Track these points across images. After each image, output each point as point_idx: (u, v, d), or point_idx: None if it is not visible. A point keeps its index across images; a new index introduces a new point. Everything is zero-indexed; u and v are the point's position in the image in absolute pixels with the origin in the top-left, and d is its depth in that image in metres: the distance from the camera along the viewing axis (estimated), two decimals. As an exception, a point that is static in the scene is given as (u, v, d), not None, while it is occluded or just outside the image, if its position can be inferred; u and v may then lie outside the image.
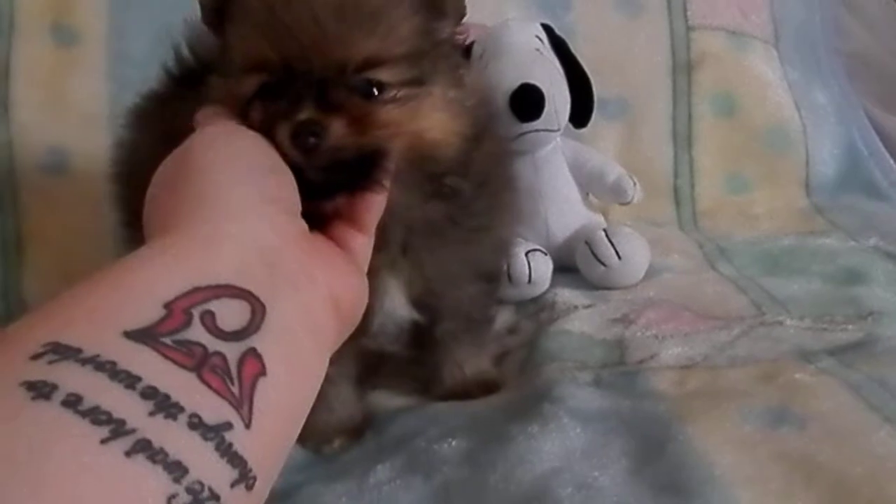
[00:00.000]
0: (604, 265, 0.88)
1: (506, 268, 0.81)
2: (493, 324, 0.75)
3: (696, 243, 1.02)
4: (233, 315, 0.33)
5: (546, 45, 0.95)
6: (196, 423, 0.29)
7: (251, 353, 0.32)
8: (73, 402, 0.27)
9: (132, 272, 0.34)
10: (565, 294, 0.86)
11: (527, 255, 0.87)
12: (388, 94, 0.48)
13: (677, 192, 1.12)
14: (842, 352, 0.69)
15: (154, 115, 0.71)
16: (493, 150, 0.62)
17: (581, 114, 0.94)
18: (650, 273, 0.90)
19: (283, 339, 0.34)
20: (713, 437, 0.56)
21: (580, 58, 0.96)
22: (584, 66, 0.95)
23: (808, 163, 1.14)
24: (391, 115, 0.48)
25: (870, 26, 1.25)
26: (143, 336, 0.30)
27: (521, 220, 0.75)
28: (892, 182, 1.13)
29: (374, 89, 0.48)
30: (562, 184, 0.95)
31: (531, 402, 0.64)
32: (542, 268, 0.88)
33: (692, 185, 1.12)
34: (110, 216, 0.79)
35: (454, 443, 0.59)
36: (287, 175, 0.43)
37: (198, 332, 0.31)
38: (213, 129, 0.44)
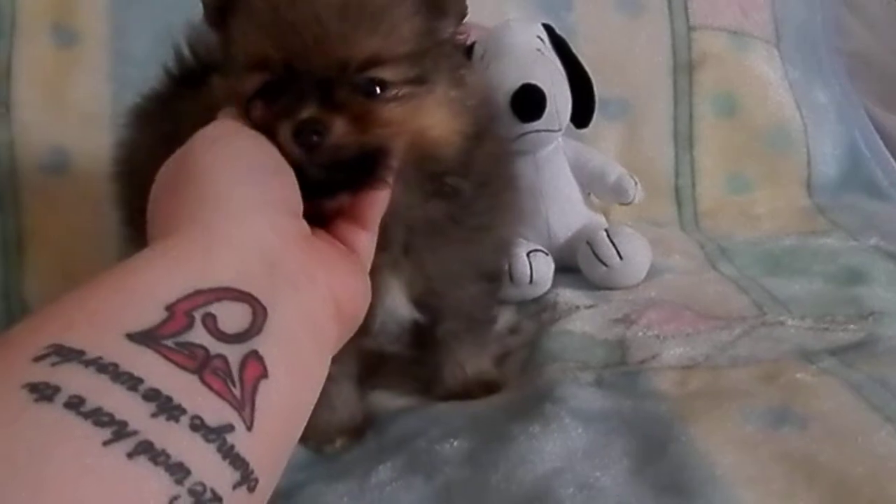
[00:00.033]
0: (605, 265, 0.88)
1: (507, 268, 0.81)
2: (494, 324, 0.75)
3: (698, 243, 1.02)
4: (234, 318, 0.33)
5: (547, 46, 0.95)
6: (198, 425, 0.29)
7: (253, 356, 0.32)
8: (75, 403, 0.27)
9: (134, 274, 0.34)
10: (567, 294, 0.86)
11: (528, 255, 0.87)
12: (390, 92, 0.48)
13: (678, 192, 1.12)
14: (843, 352, 0.69)
15: (154, 115, 0.71)
16: (494, 150, 0.62)
17: (582, 114, 0.94)
18: (651, 273, 0.90)
19: (285, 342, 0.35)
20: (715, 437, 0.56)
21: (581, 58, 0.96)
22: (586, 66, 0.95)
23: (809, 162, 1.13)
24: (393, 113, 0.48)
25: (871, 26, 1.25)
26: (146, 338, 0.30)
27: (523, 220, 0.75)
28: (893, 182, 1.12)
29: (377, 88, 0.48)
30: (563, 184, 0.95)
31: (533, 402, 0.64)
32: (544, 268, 0.88)
33: (693, 185, 1.12)
34: (111, 216, 0.80)
35: (456, 443, 0.59)
36: (288, 175, 0.43)
37: (199, 335, 0.31)
38: (213, 129, 0.44)
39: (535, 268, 0.86)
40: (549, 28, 0.97)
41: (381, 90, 0.48)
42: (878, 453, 0.53)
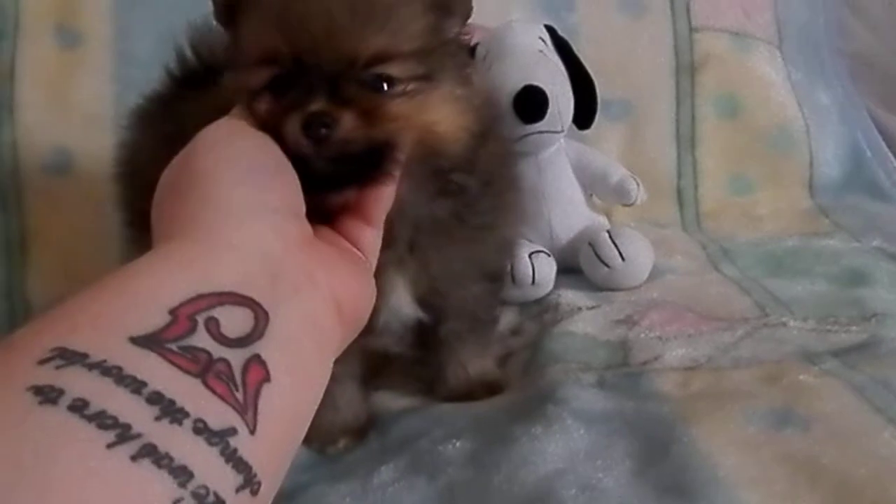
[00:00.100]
0: (607, 266, 0.88)
1: (509, 269, 0.81)
2: (496, 324, 0.75)
3: (700, 244, 1.02)
4: (236, 322, 0.33)
5: (549, 47, 0.95)
6: (201, 429, 0.29)
7: (255, 360, 0.33)
8: (79, 406, 0.27)
9: (137, 278, 0.34)
10: (569, 295, 0.86)
11: (530, 256, 0.87)
12: (398, 88, 0.49)
13: (681, 193, 1.12)
14: (845, 353, 0.69)
15: (156, 116, 0.71)
16: (497, 150, 0.62)
17: (584, 115, 0.94)
18: (654, 274, 0.90)
19: (287, 346, 0.35)
20: (717, 438, 0.56)
21: (583, 59, 0.96)
22: (588, 67, 0.95)
23: (811, 164, 1.13)
24: (401, 108, 0.48)
25: (873, 27, 1.25)
26: (149, 342, 0.30)
27: (525, 221, 0.75)
28: (895, 183, 1.13)
29: (384, 84, 0.48)
30: (565, 185, 0.95)
31: (535, 403, 0.64)
32: (546, 269, 0.88)
33: (695, 186, 1.12)
34: (113, 216, 0.80)
35: (458, 444, 0.59)
36: (290, 175, 0.43)
37: (203, 339, 0.31)
38: (215, 130, 0.44)
39: (537, 269, 0.86)
40: (551, 29, 0.97)
41: (389, 86, 0.48)
42: (880, 455, 0.53)
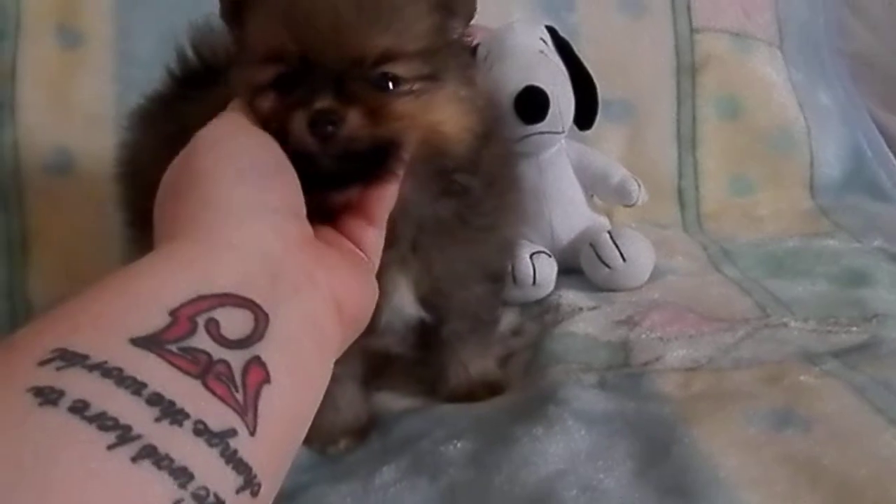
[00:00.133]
0: (608, 267, 0.88)
1: (511, 269, 0.81)
2: (498, 325, 0.75)
3: (701, 245, 1.02)
4: (236, 324, 0.33)
5: (550, 47, 0.95)
6: (201, 430, 0.29)
7: (255, 362, 0.33)
8: (79, 408, 0.27)
9: (138, 279, 0.34)
10: (570, 296, 0.86)
11: (531, 257, 0.87)
12: (403, 87, 0.49)
13: (681, 193, 1.12)
14: (846, 354, 0.69)
15: (157, 116, 0.71)
16: (500, 152, 0.62)
17: (585, 116, 0.94)
18: (655, 275, 0.90)
19: (287, 347, 0.35)
20: (718, 439, 0.56)
21: (584, 60, 0.96)
22: (589, 67, 0.95)
23: (812, 164, 1.13)
24: (406, 107, 0.49)
25: (873, 27, 1.25)
26: (149, 343, 0.30)
27: (527, 221, 0.75)
28: (896, 183, 1.13)
29: (390, 83, 0.49)
30: (566, 186, 0.95)
31: (536, 403, 0.64)
32: (547, 270, 0.88)
33: (696, 186, 1.12)
34: (115, 216, 0.80)
35: (459, 444, 0.59)
36: (291, 174, 0.43)
37: (203, 340, 0.31)
38: (215, 129, 0.44)
39: (538, 269, 0.86)
40: (552, 30, 0.97)
41: (394, 85, 0.49)
42: (881, 455, 0.53)
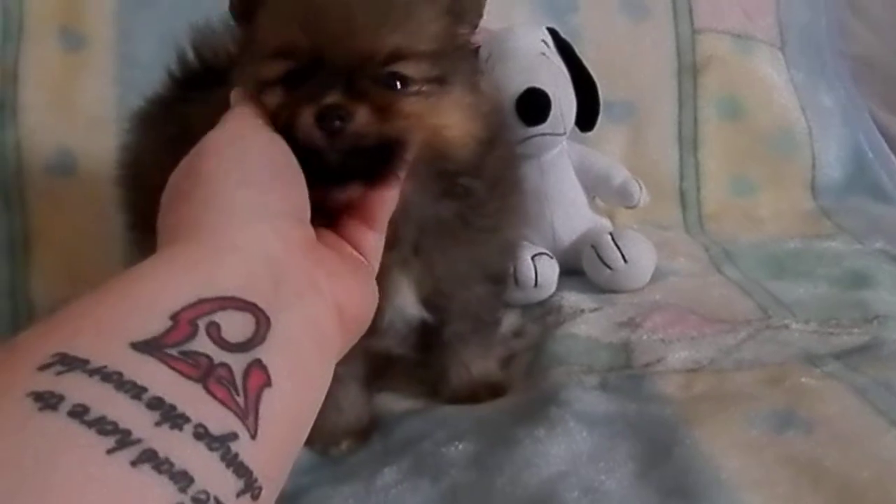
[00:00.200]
0: (610, 268, 0.88)
1: (512, 271, 0.81)
2: (499, 326, 0.75)
3: (702, 246, 1.02)
4: (237, 327, 0.33)
5: (552, 49, 0.95)
6: (202, 434, 0.29)
7: (256, 365, 0.32)
8: (79, 412, 0.27)
9: (139, 282, 0.34)
10: (571, 297, 0.86)
11: (533, 258, 0.87)
12: (412, 88, 0.49)
13: (683, 195, 1.12)
14: (848, 355, 0.69)
15: (158, 119, 0.71)
16: (503, 154, 0.62)
17: (587, 117, 0.94)
18: (656, 276, 0.90)
19: (288, 351, 0.35)
20: (720, 440, 0.56)
21: (586, 61, 0.96)
22: (590, 69, 0.95)
23: (813, 165, 1.13)
24: (414, 107, 0.49)
25: (875, 29, 1.25)
26: (150, 347, 0.30)
27: (528, 223, 0.75)
28: (897, 184, 1.13)
29: (398, 83, 0.49)
30: (568, 187, 0.95)
31: (538, 405, 0.64)
32: (548, 271, 0.88)
33: (698, 188, 1.12)
34: (116, 218, 0.80)
35: (461, 446, 0.59)
36: (298, 178, 0.43)
37: (203, 344, 0.31)
38: (223, 132, 0.44)
39: (539, 271, 0.86)
40: (553, 31, 0.97)
41: (402, 85, 0.49)
42: (883, 457, 0.53)
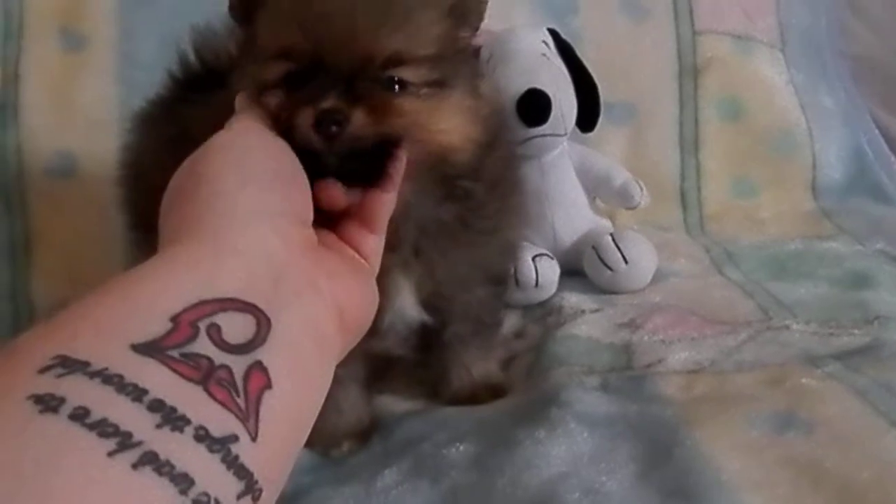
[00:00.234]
0: (611, 270, 0.88)
1: (513, 272, 0.81)
2: (500, 327, 0.75)
3: (703, 247, 1.02)
4: (238, 329, 0.33)
5: (552, 50, 0.95)
6: (202, 436, 0.29)
7: (257, 367, 0.32)
8: (80, 415, 0.27)
9: (140, 284, 0.34)
10: (572, 298, 0.86)
11: (534, 259, 0.87)
12: (410, 91, 0.49)
13: (684, 196, 1.12)
14: (848, 356, 0.69)
15: (159, 119, 0.71)
16: (503, 155, 0.62)
17: (588, 118, 0.94)
18: (657, 277, 0.90)
19: (289, 352, 0.35)
20: (720, 441, 0.56)
21: (586, 62, 0.96)
22: (591, 70, 0.95)
23: (814, 166, 1.13)
24: (411, 105, 0.49)
25: (875, 29, 1.25)
26: (150, 349, 0.30)
27: (529, 224, 0.75)
28: (898, 185, 1.13)
29: (397, 86, 0.49)
30: (568, 188, 0.95)
31: (538, 406, 0.64)
32: (549, 272, 0.88)
33: (699, 189, 1.12)
34: (117, 219, 0.80)
35: (462, 447, 0.59)
36: (301, 180, 0.43)
37: (204, 345, 0.31)
38: (227, 134, 0.44)
39: (540, 272, 0.86)
40: (554, 33, 0.97)
41: (401, 89, 0.49)
42: (883, 458, 0.53)
